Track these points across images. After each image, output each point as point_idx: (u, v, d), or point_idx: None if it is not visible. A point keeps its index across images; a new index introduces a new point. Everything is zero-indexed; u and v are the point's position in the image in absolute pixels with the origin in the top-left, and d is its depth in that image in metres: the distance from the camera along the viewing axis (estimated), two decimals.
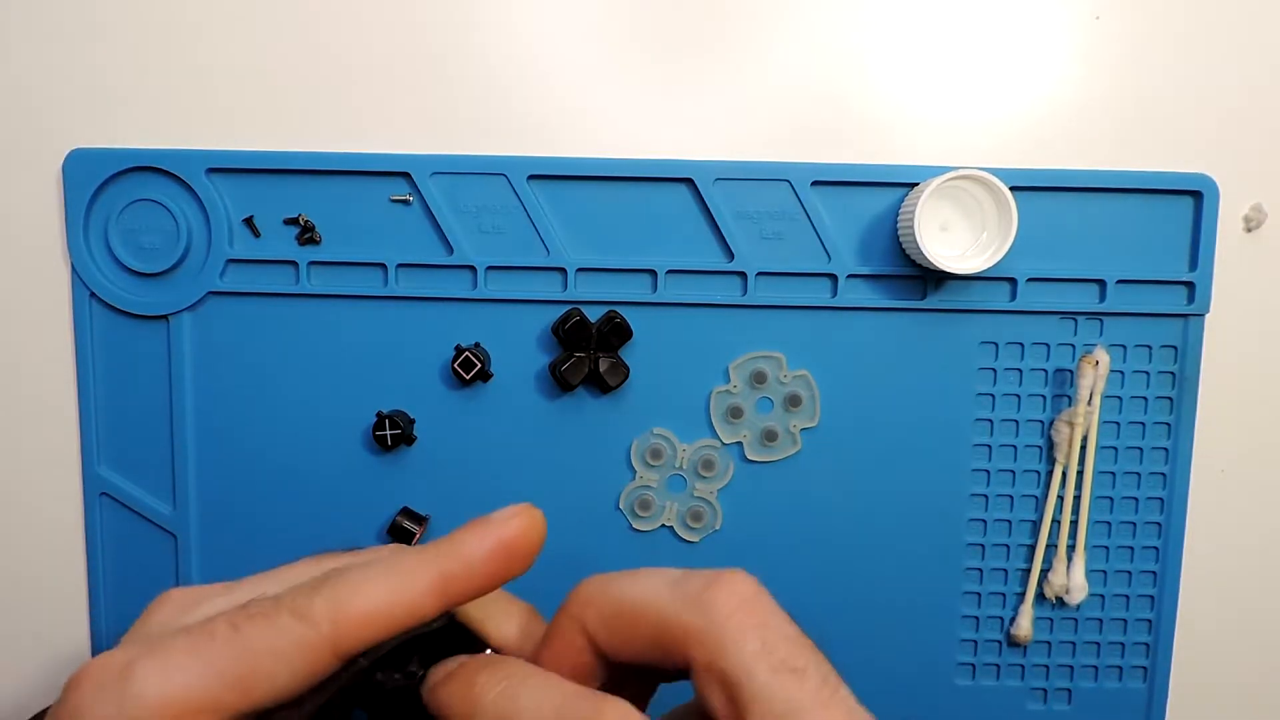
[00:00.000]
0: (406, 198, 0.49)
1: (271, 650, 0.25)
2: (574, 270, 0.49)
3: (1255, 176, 0.50)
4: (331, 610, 0.26)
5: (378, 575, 0.27)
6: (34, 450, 0.52)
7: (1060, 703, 0.52)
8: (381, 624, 0.26)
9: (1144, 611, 0.51)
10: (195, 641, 0.25)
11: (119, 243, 0.49)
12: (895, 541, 0.51)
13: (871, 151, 0.50)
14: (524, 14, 0.49)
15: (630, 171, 0.49)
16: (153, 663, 0.25)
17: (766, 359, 0.50)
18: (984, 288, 0.49)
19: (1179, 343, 0.50)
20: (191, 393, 0.50)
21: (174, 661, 0.25)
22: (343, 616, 0.26)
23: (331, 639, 0.26)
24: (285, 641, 0.25)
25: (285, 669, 0.25)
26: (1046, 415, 0.50)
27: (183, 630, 0.26)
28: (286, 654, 0.25)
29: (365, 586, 0.26)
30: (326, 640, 0.26)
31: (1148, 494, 0.50)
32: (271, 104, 0.50)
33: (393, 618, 0.26)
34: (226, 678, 0.25)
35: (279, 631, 0.25)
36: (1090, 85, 0.50)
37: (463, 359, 0.48)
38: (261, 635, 0.25)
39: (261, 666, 0.25)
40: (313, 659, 0.26)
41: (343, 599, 0.26)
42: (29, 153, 0.50)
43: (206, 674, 0.25)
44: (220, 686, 0.25)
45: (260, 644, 0.25)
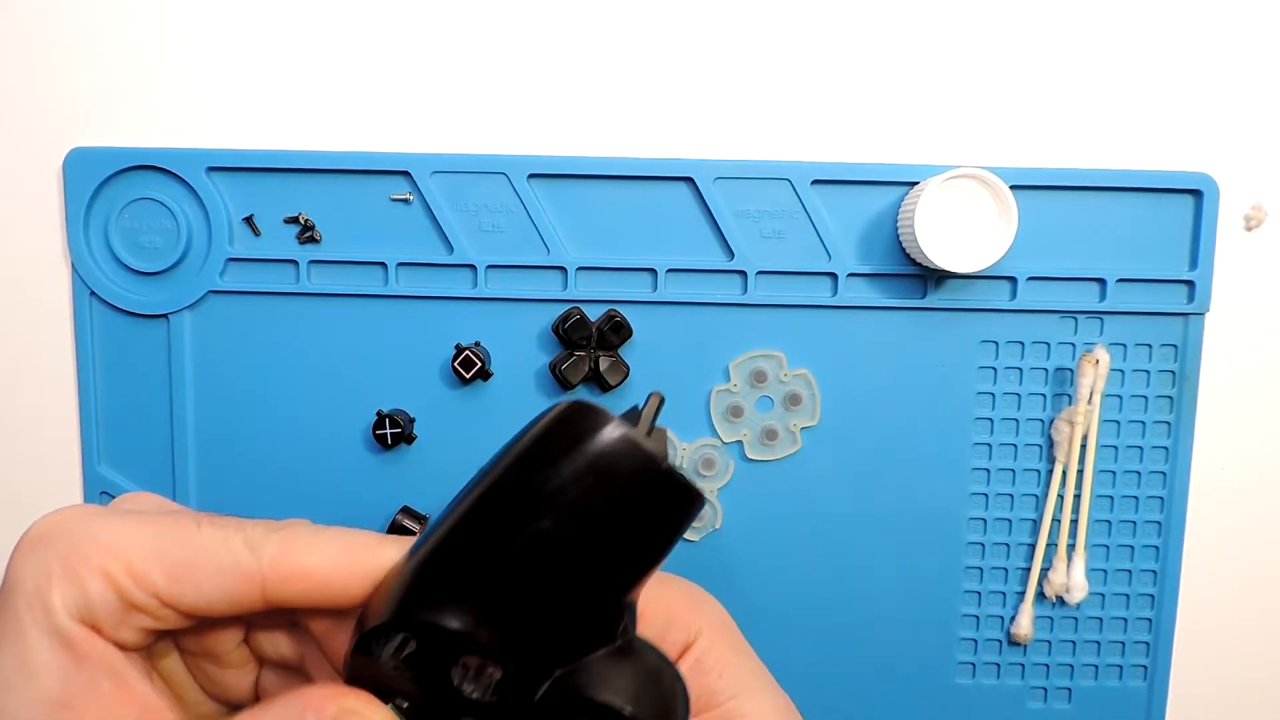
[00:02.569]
0: (407, 196, 0.49)
1: (214, 559, 0.27)
2: (574, 269, 0.49)
3: (1255, 176, 0.50)
4: (277, 552, 0.28)
5: (330, 542, 0.28)
6: (34, 449, 0.52)
7: (1060, 701, 0.52)
8: (312, 585, 0.28)
9: (1144, 610, 0.51)
10: (155, 520, 0.28)
11: (119, 242, 0.49)
12: (895, 540, 0.51)
13: (871, 151, 0.50)
14: (524, 13, 0.49)
15: (630, 170, 0.49)
16: (109, 520, 0.28)
17: (766, 358, 0.50)
18: (984, 286, 0.49)
19: (1179, 342, 0.50)
20: (191, 391, 0.50)
21: (129, 526, 0.28)
22: (284, 561, 0.27)
23: (264, 576, 0.27)
24: (227, 558, 0.27)
25: (214, 582, 0.27)
26: (1047, 414, 0.50)
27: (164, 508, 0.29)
28: (222, 569, 0.27)
29: (314, 547, 0.28)
30: (258, 575, 0.27)
31: (1148, 493, 0.50)
32: (271, 103, 0.50)
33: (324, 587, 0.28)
34: (159, 555, 0.27)
35: (227, 548, 0.28)
36: (1090, 85, 0.50)
37: (463, 358, 0.48)
38: (213, 542, 0.28)
39: (199, 568, 0.27)
40: (241, 585, 0.27)
41: (291, 547, 0.28)
42: (29, 152, 0.50)
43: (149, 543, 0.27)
44: (153, 560, 0.27)
45: (208, 548, 0.27)
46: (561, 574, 0.26)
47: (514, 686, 0.27)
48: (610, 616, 0.28)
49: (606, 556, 0.27)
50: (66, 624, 0.27)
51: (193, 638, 0.32)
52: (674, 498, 0.27)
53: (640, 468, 0.26)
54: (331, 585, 0.28)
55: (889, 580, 0.51)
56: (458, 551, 0.27)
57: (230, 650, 0.32)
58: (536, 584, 0.26)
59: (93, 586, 0.27)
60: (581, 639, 0.27)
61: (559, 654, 0.27)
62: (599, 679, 0.27)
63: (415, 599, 0.27)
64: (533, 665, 0.27)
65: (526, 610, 0.26)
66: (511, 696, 0.27)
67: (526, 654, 0.27)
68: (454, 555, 0.27)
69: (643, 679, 0.28)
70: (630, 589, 0.28)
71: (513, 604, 0.26)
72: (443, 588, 0.26)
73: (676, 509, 0.27)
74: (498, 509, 0.26)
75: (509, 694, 0.27)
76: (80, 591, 0.27)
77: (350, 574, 0.28)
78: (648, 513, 0.27)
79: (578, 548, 0.26)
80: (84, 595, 0.27)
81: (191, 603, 0.28)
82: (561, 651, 0.27)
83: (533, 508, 0.26)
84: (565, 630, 0.27)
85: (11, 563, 0.28)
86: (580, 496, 0.26)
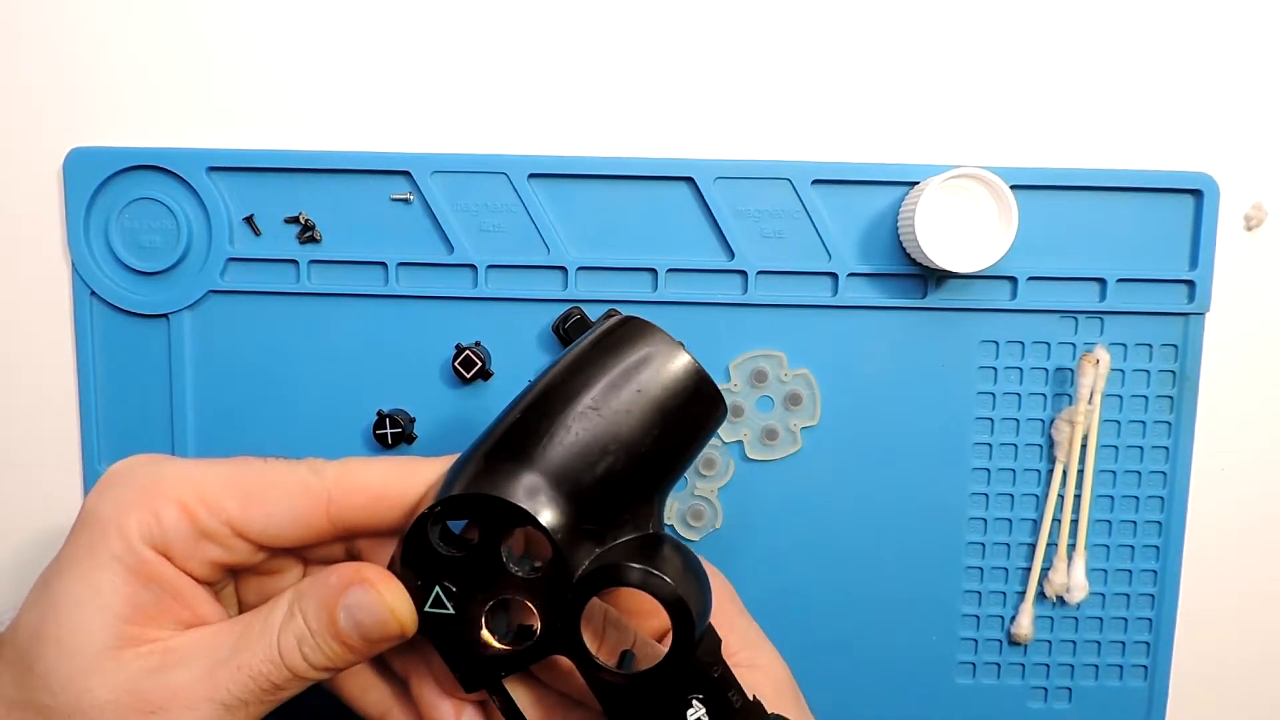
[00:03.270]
0: (407, 196, 0.49)
1: (282, 483, 0.30)
2: (574, 269, 0.49)
3: (1255, 176, 0.50)
4: (339, 473, 0.30)
5: (389, 463, 0.31)
6: (34, 449, 0.52)
7: (1061, 701, 0.52)
8: (372, 498, 0.30)
9: (1144, 610, 0.51)
10: (225, 460, 0.31)
11: (119, 241, 0.49)
12: (896, 540, 0.51)
13: (871, 151, 0.50)
14: (524, 13, 0.49)
15: (630, 170, 0.49)
16: (182, 460, 0.30)
17: (767, 357, 0.50)
18: (984, 286, 0.49)
19: (1179, 341, 0.50)
20: (192, 391, 0.50)
21: (200, 464, 0.31)
22: (345, 480, 0.30)
23: (328, 494, 0.30)
24: (293, 480, 0.30)
25: (284, 505, 0.30)
26: (1047, 414, 0.50)
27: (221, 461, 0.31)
28: (291, 491, 0.30)
29: (373, 467, 0.31)
30: (323, 494, 0.30)
31: (1148, 493, 0.50)
32: (271, 103, 0.50)
33: (383, 499, 0.30)
34: (233, 486, 0.30)
35: (294, 473, 0.30)
36: (1090, 85, 0.50)
37: (463, 357, 0.48)
38: (279, 470, 0.31)
39: (266, 491, 0.30)
40: (308, 505, 0.30)
41: (350, 469, 0.31)
42: (29, 152, 0.50)
43: (221, 476, 0.30)
44: (227, 490, 0.30)
45: (274, 474, 0.30)
46: (615, 458, 0.30)
47: (558, 564, 0.29)
48: (647, 505, 0.31)
49: (654, 445, 0.30)
50: (140, 548, 0.29)
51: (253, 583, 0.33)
52: (708, 400, 0.31)
53: (685, 372, 0.31)
54: (389, 498, 0.31)
55: (889, 580, 0.51)
56: (523, 433, 0.30)
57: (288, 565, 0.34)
58: (592, 466, 0.29)
59: (167, 514, 0.29)
60: (623, 522, 0.30)
61: (603, 534, 0.30)
62: (637, 557, 0.30)
63: (480, 477, 0.29)
64: (579, 543, 0.30)
65: (582, 490, 0.29)
66: (555, 573, 0.29)
67: (577, 531, 0.29)
68: (519, 437, 0.30)
69: (675, 559, 0.30)
70: (667, 478, 0.31)
71: (569, 484, 0.29)
72: (506, 466, 0.29)
73: (710, 410, 0.31)
74: (561, 396, 0.30)
75: (553, 571, 0.29)
76: (155, 519, 0.29)
77: (405, 487, 0.31)
78: (687, 409, 0.31)
79: (631, 435, 0.30)
80: (158, 523, 0.29)
81: (261, 528, 0.30)
82: (605, 532, 0.30)
83: (593, 397, 0.30)
84: (612, 512, 0.30)
85: (87, 501, 0.30)
86: (636, 390, 0.30)
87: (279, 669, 0.29)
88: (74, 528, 0.30)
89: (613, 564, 0.29)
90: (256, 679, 0.29)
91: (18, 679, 0.29)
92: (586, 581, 0.29)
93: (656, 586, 0.29)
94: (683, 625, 0.29)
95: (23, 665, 0.29)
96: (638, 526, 0.31)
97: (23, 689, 0.29)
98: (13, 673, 0.29)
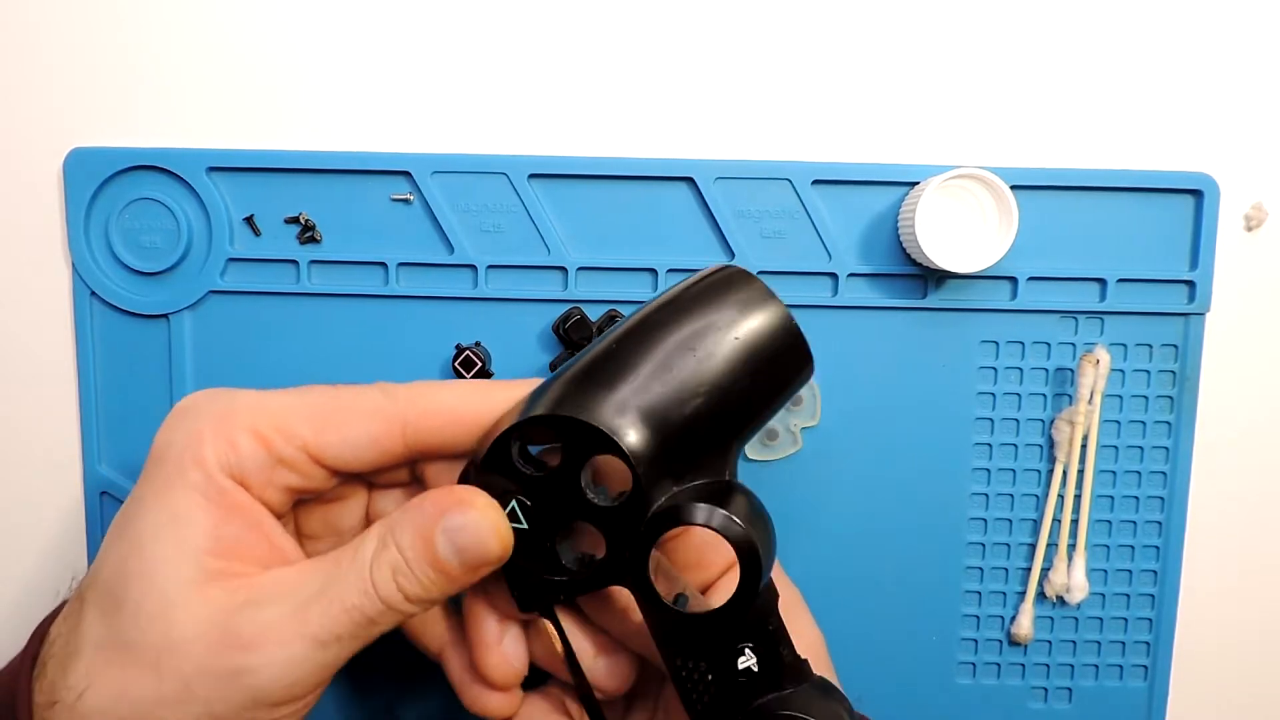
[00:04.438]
0: (407, 196, 0.49)
1: (354, 406, 0.30)
2: (574, 269, 0.49)
3: (1255, 176, 0.50)
4: (413, 395, 0.30)
5: (462, 387, 0.31)
6: (34, 450, 0.52)
7: (1061, 701, 0.52)
8: (448, 419, 0.30)
9: (1144, 610, 0.51)
10: (295, 389, 0.31)
11: (119, 242, 0.49)
12: (895, 540, 0.51)
13: (871, 151, 0.50)
14: (524, 13, 0.49)
15: (630, 170, 0.49)
16: (253, 391, 0.31)
17: None
18: (984, 287, 0.49)
19: (1179, 342, 0.50)
20: (192, 391, 0.50)
21: (272, 394, 0.31)
22: (419, 402, 0.30)
23: (403, 415, 0.30)
24: (367, 403, 0.30)
25: (359, 428, 0.30)
26: (1047, 414, 0.50)
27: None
28: (364, 413, 0.30)
29: (447, 389, 0.31)
30: (400, 414, 0.30)
31: (1148, 493, 0.50)
32: (271, 103, 0.50)
33: (459, 420, 0.30)
34: (306, 410, 0.30)
35: (366, 396, 0.30)
36: (1090, 85, 0.50)
37: (463, 358, 0.48)
38: (351, 394, 0.31)
39: (341, 415, 0.30)
40: (383, 427, 0.30)
41: (423, 391, 0.31)
42: (29, 152, 0.50)
43: (294, 402, 0.30)
44: (301, 416, 0.30)
45: (346, 399, 0.30)
46: (704, 401, 0.30)
47: (636, 495, 0.30)
48: (725, 451, 0.31)
49: (743, 393, 0.31)
50: (218, 477, 0.29)
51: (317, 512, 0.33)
52: (801, 357, 0.32)
53: (782, 327, 0.31)
54: (464, 420, 0.30)
55: (889, 580, 0.51)
56: (617, 363, 0.30)
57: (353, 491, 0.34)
58: (681, 405, 0.30)
59: (243, 442, 0.29)
60: (701, 465, 0.31)
61: (681, 474, 0.30)
62: (712, 500, 0.30)
63: (569, 400, 0.30)
64: (657, 480, 0.30)
65: (668, 427, 0.30)
66: (631, 504, 0.30)
67: (658, 466, 0.30)
68: (613, 366, 0.30)
69: (747, 506, 0.31)
70: (748, 428, 0.32)
71: (657, 419, 0.30)
72: (597, 392, 0.30)
73: (800, 367, 0.32)
74: (659, 333, 0.30)
75: (629, 503, 0.30)
76: (231, 447, 0.29)
77: (480, 408, 0.31)
78: (779, 362, 0.31)
79: (723, 380, 0.30)
80: (235, 451, 0.29)
81: (336, 452, 0.30)
82: (684, 473, 0.30)
83: (690, 337, 0.30)
84: (693, 454, 0.30)
85: (159, 435, 0.30)
86: (734, 337, 0.30)
87: (373, 601, 0.28)
88: (149, 462, 0.29)
89: (688, 503, 0.29)
90: (350, 612, 0.28)
91: (104, 618, 0.28)
92: (662, 517, 0.29)
93: (730, 529, 0.29)
94: (750, 570, 0.29)
95: (108, 603, 0.28)
96: (714, 472, 0.31)
97: (110, 628, 0.28)
98: (97, 612, 0.28)
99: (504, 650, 0.33)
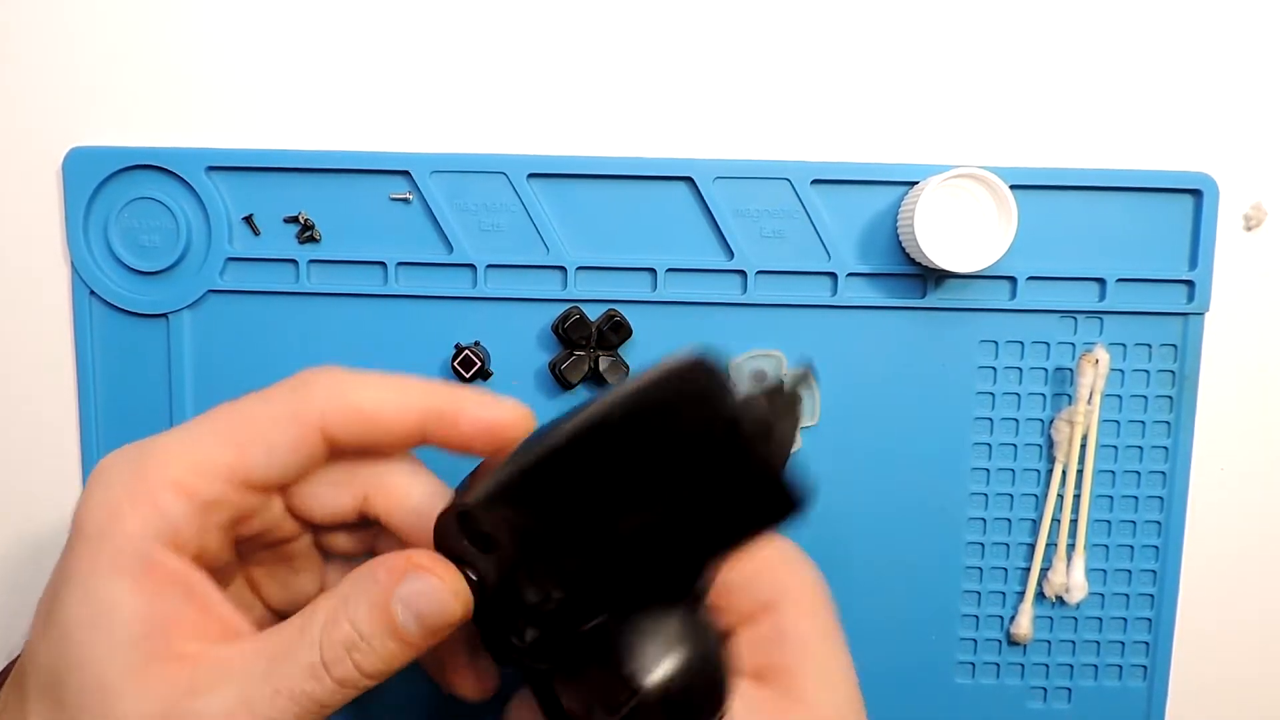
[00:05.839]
0: (406, 196, 0.49)
1: (268, 415, 0.29)
2: (574, 269, 0.49)
3: (1255, 176, 0.50)
4: (327, 394, 0.29)
5: (378, 381, 0.30)
6: (34, 449, 0.52)
7: (1060, 701, 0.52)
8: (366, 418, 0.29)
9: (1144, 610, 0.51)
10: (205, 415, 0.29)
11: (119, 241, 0.49)
12: (895, 540, 0.51)
13: (871, 151, 0.50)
14: (524, 13, 0.49)
15: (630, 170, 0.49)
16: (164, 435, 0.29)
17: (766, 357, 0.50)
18: (984, 286, 0.49)
19: (1179, 341, 0.50)
20: (191, 391, 0.50)
21: (184, 429, 0.29)
22: (336, 401, 0.29)
23: (320, 416, 0.28)
24: (280, 409, 0.29)
25: (279, 437, 0.28)
26: (1046, 414, 0.50)
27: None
28: (280, 420, 0.28)
29: (363, 386, 0.29)
30: (316, 416, 0.28)
31: (1147, 493, 0.50)
32: (271, 103, 0.50)
33: (377, 419, 0.29)
34: (220, 436, 0.28)
35: (275, 402, 0.29)
36: (1090, 85, 0.50)
37: (462, 357, 0.48)
38: (259, 404, 0.29)
39: (256, 427, 0.28)
40: (301, 430, 0.28)
41: (339, 390, 0.29)
42: (29, 152, 0.50)
43: (206, 432, 0.28)
44: (217, 444, 0.28)
45: (258, 410, 0.29)
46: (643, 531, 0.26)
47: (567, 610, 0.27)
48: (677, 583, 0.27)
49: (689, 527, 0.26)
50: (145, 550, 0.27)
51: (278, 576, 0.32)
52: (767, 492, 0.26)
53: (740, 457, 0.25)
54: (383, 419, 0.29)
55: (888, 580, 0.51)
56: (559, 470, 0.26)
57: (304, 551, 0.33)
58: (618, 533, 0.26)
59: (165, 500, 0.27)
60: (643, 596, 0.27)
61: (616, 602, 0.27)
62: (640, 640, 0.26)
63: (516, 496, 0.27)
64: (590, 601, 0.27)
65: (602, 553, 0.26)
66: (562, 617, 0.27)
67: (589, 590, 0.27)
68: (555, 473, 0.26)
69: (682, 659, 0.26)
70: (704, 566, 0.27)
71: (590, 542, 0.26)
72: (540, 498, 0.26)
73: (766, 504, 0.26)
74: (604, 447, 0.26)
75: (561, 614, 0.27)
76: (154, 510, 0.27)
77: (401, 408, 0.29)
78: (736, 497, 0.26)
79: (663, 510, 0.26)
80: (159, 513, 0.27)
81: (264, 471, 0.29)
82: (620, 601, 0.27)
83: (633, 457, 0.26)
84: (630, 583, 0.27)
85: (78, 509, 0.28)
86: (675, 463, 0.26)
87: (324, 684, 0.26)
88: (71, 536, 0.27)
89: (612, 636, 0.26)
90: (298, 699, 0.26)
91: (48, 711, 0.27)
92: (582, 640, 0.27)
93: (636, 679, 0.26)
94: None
95: (50, 697, 0.27)
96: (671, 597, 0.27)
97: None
98: (41, 705, 0.27)
99: (475, 667, 0.32)
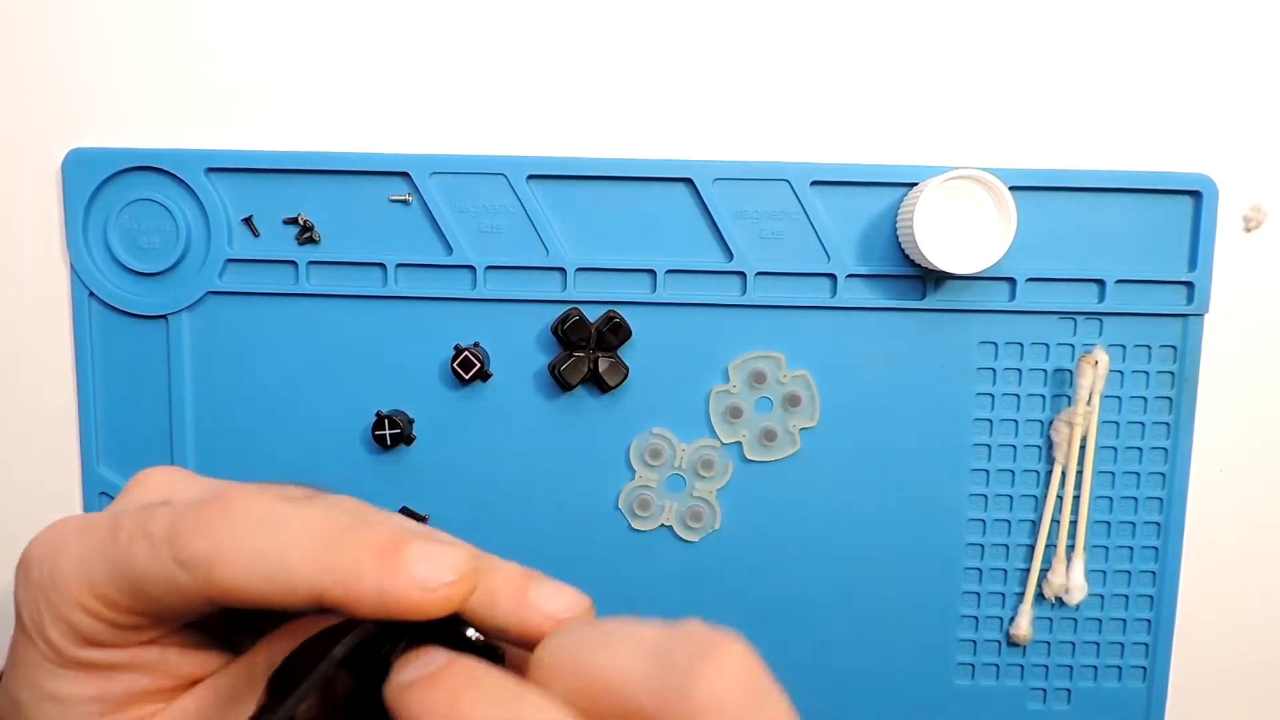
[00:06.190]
0: (406, 197, 0.49)
1: (152, 574, 0.25)
2: (573, 270, 0.49)
3: (1255, 176, 0.50)
4: (207, 563, 0.25)
5: (269, 544, 0.25)
6: (34, 450, 0.52)
7: (1060, 702, 0.52)
8: (250, 596, 0.25)
9: (1143, 611, 0.51)
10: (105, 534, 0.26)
11: (118, 242, 0.49)
12: (895, 541, 0.51)
13: (871, 151, 0.50)
14: (523, 14, 0.49)
15: (629, 171, 0.49)
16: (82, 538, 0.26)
17: (766, 359, 0.50)
18: (983, 287, 0.49)
19: (1178, 343, 0.50)
20: (191, 392, 0.50)
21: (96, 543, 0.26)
22: (216, 574, 0.25)
23: (205, 588, 0.25)
24: (161, 573, 0.25)
25: (164, 594, 0.26)
26: (1046, 415, 0.50)
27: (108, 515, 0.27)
28: (161, 583, 0.25)
29: (247, 551, 0.25)
30: (200, 587, 0.25)
31: (1147, 494, 0.50)
32: (270, 104, 0.50)
33: (263, 595, 0.25)
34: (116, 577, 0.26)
35: (158, 562, 0.26)
36: (1089, 85, 0.50)
37: (462, 359, 0.48)
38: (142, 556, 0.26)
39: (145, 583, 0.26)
40: (186, 599, 0.26)
41: (221, 555, 0.25)
42: (29, 153, 0.50)
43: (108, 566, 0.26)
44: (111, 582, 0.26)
45: (140, 562, 0.26)
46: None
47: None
48: None
49: None
50: (76, 654, 0.27)
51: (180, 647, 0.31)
52: None
53: None
54: (267, 595, 0.25)
55: (888, 581, 0.51)
56: None
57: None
58: None
59: (78, 619, 0.27)
60: None
61: None
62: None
63: None
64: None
65: None
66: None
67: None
68: None
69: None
70: None
71: None
72: None
73: None
74: None
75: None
76: (70, 626, 0.27)
77: (285, 585, 0.25)
78: None
79: None
80: (74, 629, 0.27)
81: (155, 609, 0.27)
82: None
83: None
84: None
85: (15, 593, 0.28)
86: None
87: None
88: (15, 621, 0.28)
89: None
90: None
91: None
92: None
93: None
94: None
95: None
96: None
97: None
98: None
99: None
